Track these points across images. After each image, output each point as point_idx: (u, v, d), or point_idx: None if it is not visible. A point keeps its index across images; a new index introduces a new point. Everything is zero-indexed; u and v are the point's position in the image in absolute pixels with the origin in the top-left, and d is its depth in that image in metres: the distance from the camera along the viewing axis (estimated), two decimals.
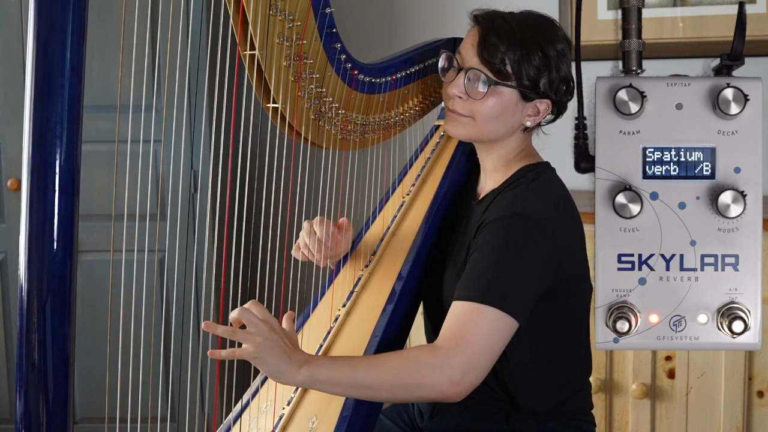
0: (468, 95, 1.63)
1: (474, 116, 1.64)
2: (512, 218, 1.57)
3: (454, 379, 1.45)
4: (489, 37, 1.62)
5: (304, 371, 1.45)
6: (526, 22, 1.64)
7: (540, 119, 1.67)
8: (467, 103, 1.64)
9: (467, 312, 1.50)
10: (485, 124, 1.65)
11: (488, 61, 1.61)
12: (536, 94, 1.63)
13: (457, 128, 1.68)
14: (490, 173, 1.73)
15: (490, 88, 1.61)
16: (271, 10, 1.49)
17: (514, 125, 1.66)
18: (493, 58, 1.61)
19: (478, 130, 1.66)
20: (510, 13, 1.67)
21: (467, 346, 1.47)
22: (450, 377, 1.45)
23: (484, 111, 1.63)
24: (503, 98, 1.62)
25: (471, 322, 1.49)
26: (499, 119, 1.64)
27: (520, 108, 1.64)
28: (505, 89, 1.62)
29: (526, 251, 1.55)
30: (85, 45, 1.10)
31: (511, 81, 1.61)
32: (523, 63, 1.60)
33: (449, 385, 1.46)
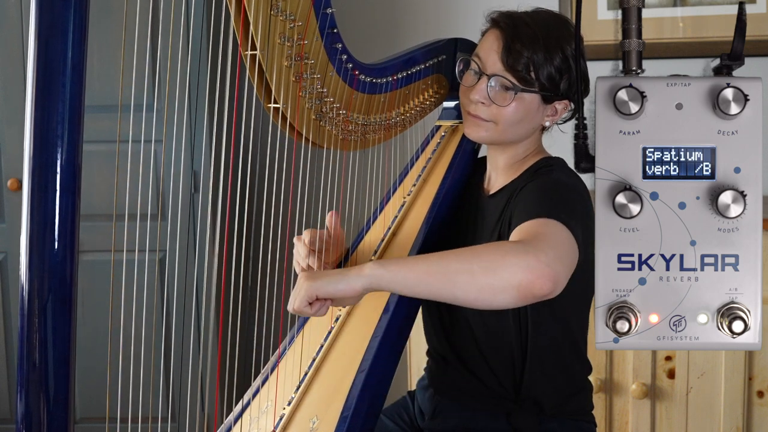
0: (492, 101, 1.63)
1: (497, 121, 1.65)
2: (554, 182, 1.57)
3: (541, 259, 1.30)
4: (513, 43, 1.61)
5: (371, 266, 1.38)
6: (546, 24, 1.64)
7: (557, 118, 1.68)
8: (490, 109, 1.64)
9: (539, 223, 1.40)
10: (508, 129, 1.65)
11: (513, 68, 1.61)
12: (556, 95, 1.63)
13: (478, 132, 1.68)
14: (503, 171, 1.73)
15: (516, 95, 1.61)
16: (272, 10, 1.50)
17: (534, 126, 1.67)
18: (517, 65, 1.60)
19: (501, 134, 1.66)
20: (527, 15, 1.66)
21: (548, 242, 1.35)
22: (536, 256, 1.30)
23: (507, 116, 1.63)
24: (526, 103, 1.63)
25: (548, 227, 1.39)
26: (521, 123, 1.65)
27: (541, 110, 1.65)
28: (527, 94, 1.62)
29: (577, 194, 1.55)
30: (86, 44, 1.10)
31: (535, 86, 1.61)
32: (546, 68, 1.61)
33: (536, 262, 1.29)
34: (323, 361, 1.67)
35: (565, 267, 1.33)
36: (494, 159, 1.75)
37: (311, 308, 1.41)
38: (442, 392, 1.74)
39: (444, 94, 1.96)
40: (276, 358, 1.76)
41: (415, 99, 1.86)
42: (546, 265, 1.29)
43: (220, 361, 1.54)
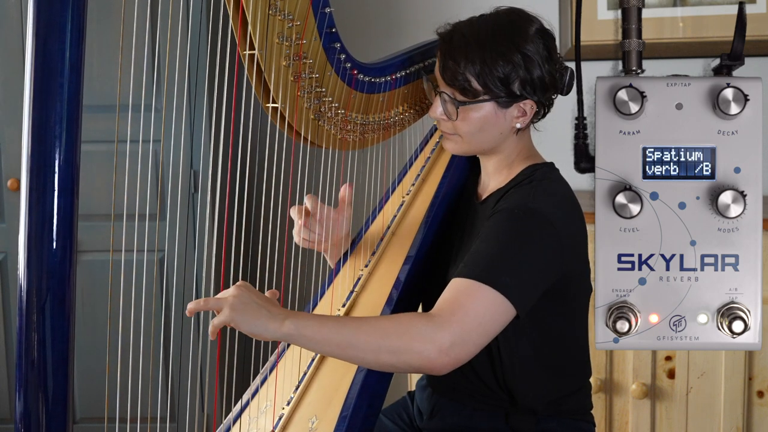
0: (447, 117, 1.64)
1: (459, 134, 1.66)
2: (522, 210, 1.56)
3: (443, 348, 1.41)
4: (446, 60, 1.62)
5: (288, 324, 1.41)
6: (489, 30, 1.61)
7: (528, 119, 1.66)
8: (449, 123, 1.66)
9: (466, 288, 1.47)
10: (472, 139, 1.66)
11: (452, 84, 1.62)
12: (513, 98, 1.62)
13: (449, 145, 1.70)
14: (493, 175, 1.73)
15: (461, 108, 1.62)
16: (270, 9, 1.49)
17: (503, 131, 1.66)
18: (454, 81, 1.61)
19: (469, 145, 1.68)
20: (469, 22, 1.64)
21: (462, 319, 1.44)
22: (440, 346, 1.41)
23: (465, 129, 1.65)
24: (481, 112, 1.62)
25: (469, 298, 1.46)
26: (483, 131, 1.64)
27: (501, 115, 1.64)
28: (475, 104, 1.62)
29: (534, 244, 1.55)
30: (84, 44, 1.09)
31: (482, 95, 1.61)
32: (486, 75, 1.59)
33: (437, 354, 1.41)
34: (322, 360, 1.67)
35: (467, 344, 1.44)
36: (484, 164, 1.75)
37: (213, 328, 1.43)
38: (441, 392, 1.74)
39: None
40: (275, 358, 1.76)
41: (413, 98, 1.86)
42: (445, 354, 1.41)
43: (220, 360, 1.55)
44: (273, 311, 1.42)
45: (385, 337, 1.42)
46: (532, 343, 1.63)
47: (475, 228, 1.69)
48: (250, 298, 1.42)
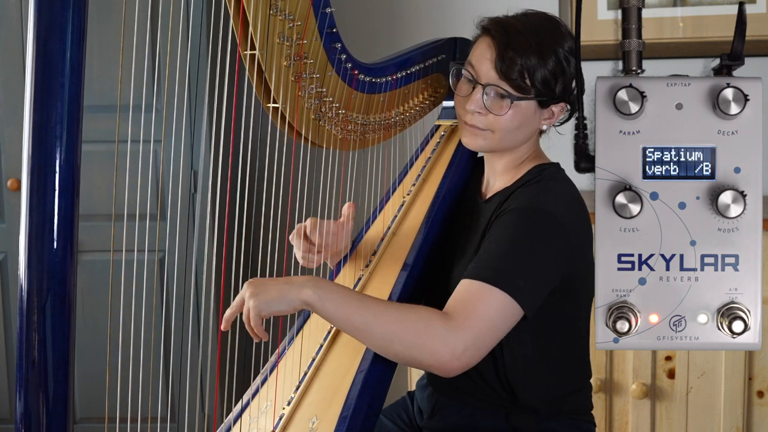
0: (488, 110, 1.63)
1: (494, 129, 1.64)
2: (531, 211, 1.56)
3: (456, 352, 1.44)
4: (506, 51, 1.60)
5: (310, 289, 1.44)
6: (537, 28, 1.62)
7: (554, 121, 1.67)
8: (486, 118, 1.63)
9: (478, 290, 1.49)
10: (506, 136, 1.64)
11: (508, 77, 1.60)
12: (552, 99, 1.63)
13: (476, 141, 1.67)
14: (500, 174, 1.73)
15: (513, 103, 1.61)
16: (271, 10, 1.49)
17: (532, 132, 1.67)
18: (512, 73, 1.59)
19: (499, 142, 1.66)
20: (518, 19, 1.65)
21: (477, 323, 1.46)
22: (453, 349, 1.44)
23: (504, 125, 1.63)
24: (522, 109, 1.62)
25: (482, 301, 1.48)
26: (519, 130, 1.64)
27: (537, 115, 1.64)
28: (524, 101, 1.61)
29: (543, 244, 1.55)
30: (85, 44, 1.09)
31: (531, 92, 1.61)
32: (540, 73, 1.60)
33: (450, 357, 1.44)
34: (323, 360, 1.67)
35: (479, 349, 1.46)
36: (492, 164, 1.75)
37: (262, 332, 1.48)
38: (442, 391, 1.74)
39: (443, 93, 1.96)
40: (275, 358, 1.76)
41: (414, 98, 1.86)
42: (457, 359, 1.44)
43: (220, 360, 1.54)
44: (290, 280, 1.46)
45: (402, 329, 1.45)
46: (535, 342, 1.63)
47: (479, 226, 1.69)
48: (263, 281, 1.46)
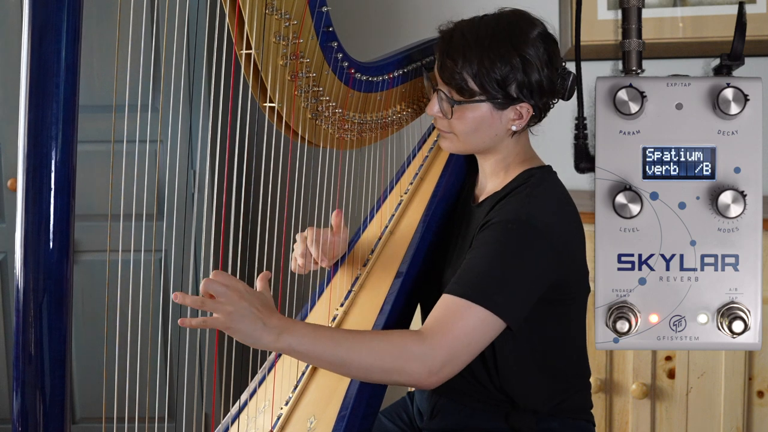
0: (443, 115, 1.64)
1: (454, 132, 1.66)
2: (515, 223, 1.56)
3: (434, 370, 1.47)
4: (444, 58, 1.62)
5: (282, 340, 1.42)
6: (490, 31, 1.60)
7: (524, 122, 1.65)
8: (445, 121, 1.66)
9: (457, 307, 1.50)
10: (467, 138, 1.66)
11: (449, 82, 1.62)
12: (509, 100, 1.61)
13: (445, 143, 1.71)
14: (490, 177, 1.72)
15: (456, 107, 1.62)
16: (267, 9, 1.49)
17: (498, 133, 1.65)
18: (451, 80, 1.61)
19: (464, 144, 1.68)
20: (470, 22, 1.64)
21: (453, 341, 1.48)
22: (430, 368, 1.46)
23: (460, 128, 1.65)
24: (476, 112, 1.62)
25: (459, 318, 1.49)
26: (478, 132, 1.64)
27: (497, 117, 1.63)
28: (472, 104, 1.61)
29: (526, 257, 1.55)
30: (80, 45, 1.09)
31: (478, 95, 1.60)
32: (483, 76, 1.59)
33: (428, 375, 1.47)
34: None
35: (456, 365, 1.49)
36: (481, 165, 1.75)
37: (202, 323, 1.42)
38: (441, 392, 1.74)
39: None
40: (274, 358, 1.76)
41: (411, 97, 1.85)
42: (435, 375, 1.47)
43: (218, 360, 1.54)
44: (269, 324, 1.42)
45: (378, 358, 1.47)
46: (528, 347, 1.63)
47: (469, 231, 1.68)
48: (248, 309, 1.40)
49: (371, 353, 1.47)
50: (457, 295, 1.51)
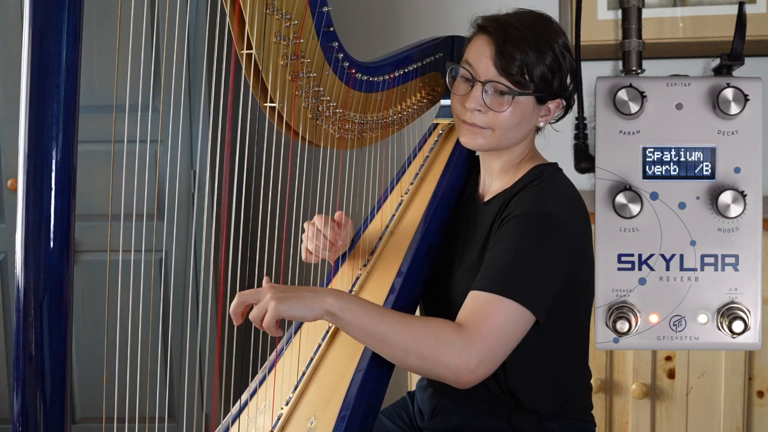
0: (488, 108, 1.62)
1: (494, 127, 1.64)
2: (537, 215, 1.56)
3: (470, 366, 1.45)
4: (505, 47, 1.60)
5: (333, 298, 1.45)
6: (532, 24, 1.63)
7: (550, 118, 1.67)
8: (486, 115, 1.63)
9: (488, 302, 1.49)
10: (506, 134, 1.64)
11: (508, 72, 1.60)
12: (550, 95, 1.63)
13: (476, 140, 1.67)
14: (498, 175, 1.72)
15: (507, 99, 1.61)
16: (267, 9, 1.49)
17: (530, 129, 1.67)
18: (511, 69, 1.59)
19: (499, 140, 1.65)
20: (512, 16, 1.65)
21: (489, 336, 1.47)
22: (467, 363, 1.45)
23: (504, 122, 1.62)
24: (521, 106, 1.62)
25: (492, 313, 1.48)
26: (518, 127, 1.64)
27: (536, 112, 1.64)
28: (523, 97, 1.61)
29: (550, 249, 1.55)
30: (81, 45, 1.09)
31: (530, 88, 1.61)
32: (538, 68, 1.60)
33: (464, 371, 1.45)
34: (321, 360, 1.67)
35: (493, 362, 1.48)
36: (489, 164, 1.74)
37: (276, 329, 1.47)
38: (442, 392, 1.74)
39: (441, 92, 1.95)
40: (274, 358, 1.76)
41: (412, 97, 1.85)
42: (471, 372, 1.45)
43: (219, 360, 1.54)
44: (313, 289, 1.47)
45: (417, 342, 1.46)
46: (535, 344, 1.63)
47: (479, 229, 1.68)
48: (285, 286, 1.46)
49: (411, 336, 1.46)
50: (487, 290, 1.50)
